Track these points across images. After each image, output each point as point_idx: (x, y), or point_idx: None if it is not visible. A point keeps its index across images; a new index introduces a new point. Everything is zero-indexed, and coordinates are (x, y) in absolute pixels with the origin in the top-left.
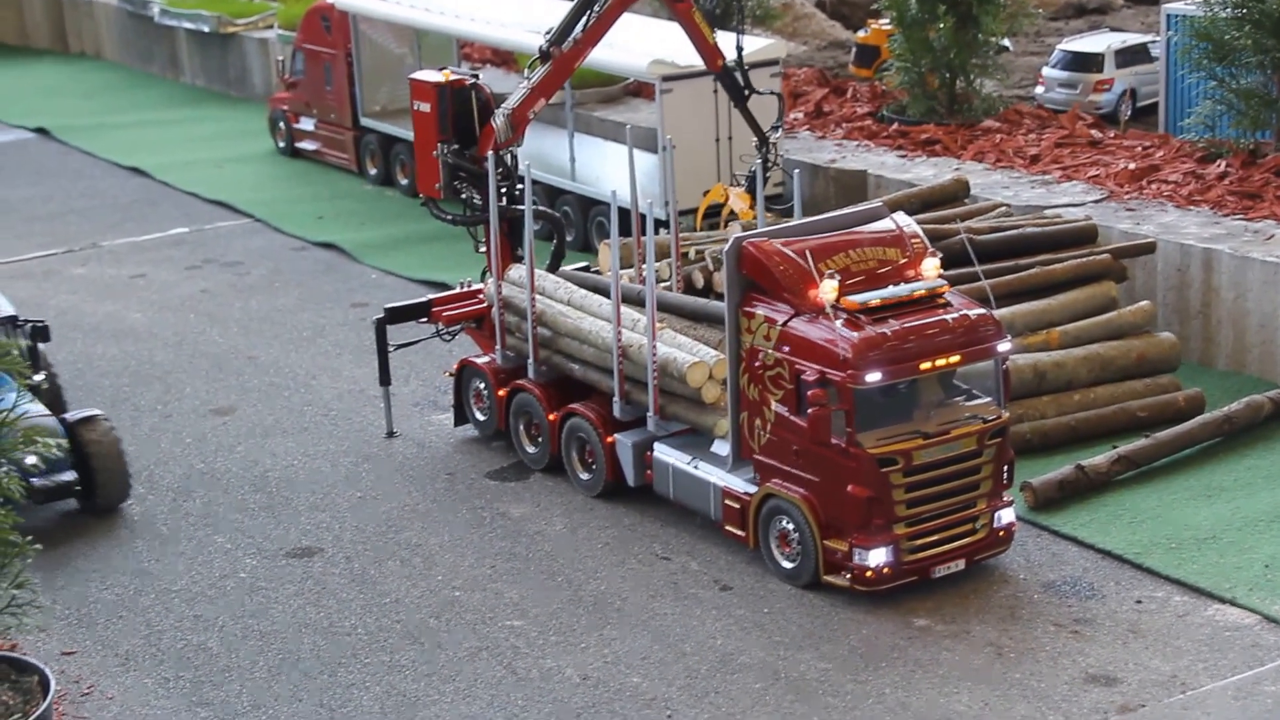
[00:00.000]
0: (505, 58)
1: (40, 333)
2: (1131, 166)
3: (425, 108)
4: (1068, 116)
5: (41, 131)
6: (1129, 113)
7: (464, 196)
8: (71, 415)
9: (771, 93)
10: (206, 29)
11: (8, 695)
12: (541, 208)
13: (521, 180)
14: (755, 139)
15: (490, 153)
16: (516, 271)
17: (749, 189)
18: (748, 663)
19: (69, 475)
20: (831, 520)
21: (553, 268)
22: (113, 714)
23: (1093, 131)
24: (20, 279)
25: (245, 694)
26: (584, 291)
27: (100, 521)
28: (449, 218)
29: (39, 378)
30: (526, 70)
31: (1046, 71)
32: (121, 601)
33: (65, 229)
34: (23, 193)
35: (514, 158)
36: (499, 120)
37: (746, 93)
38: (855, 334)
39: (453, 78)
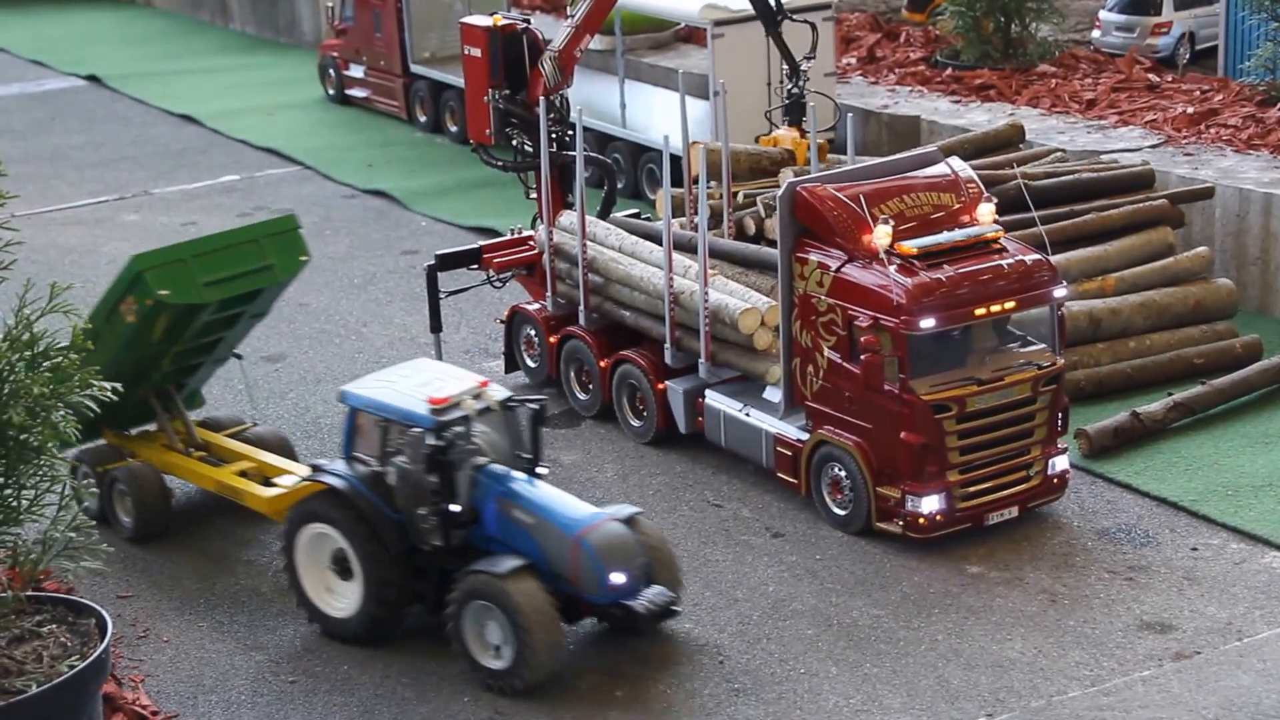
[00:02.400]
0: (555, 3)
1: (538, 415)
2: (1190, 111)
3: (476, 53)
4: (1125, 60)
5: (93, 79)
6: (1187, 56)
7: (515, 143)
8: (612, 510)
9: (805, 21)
10: None
11: (65, 637)
12: (593, 154)
13: (573, 126)
14: (787, 67)
15: (541, 98)
16: (567, 218)
17: (792, 121)
18: (800, 609)
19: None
20: (884, 467)
21: (604, 214)
22: (168, 657)
23: (1150, 75)
24: (73, 225)
25: (299, 638)
26: (635, 238)
27: None
28: (499, 164)
29: (544, 470)
30: (569, 8)
31: (1103, 15)
32: (176, 546)
33: (116, 176)
34: (74, 140)
35: (565, 102)
36: (547, 65)
37: (779, 18)
38: (909, 280)
39: (503, 22)
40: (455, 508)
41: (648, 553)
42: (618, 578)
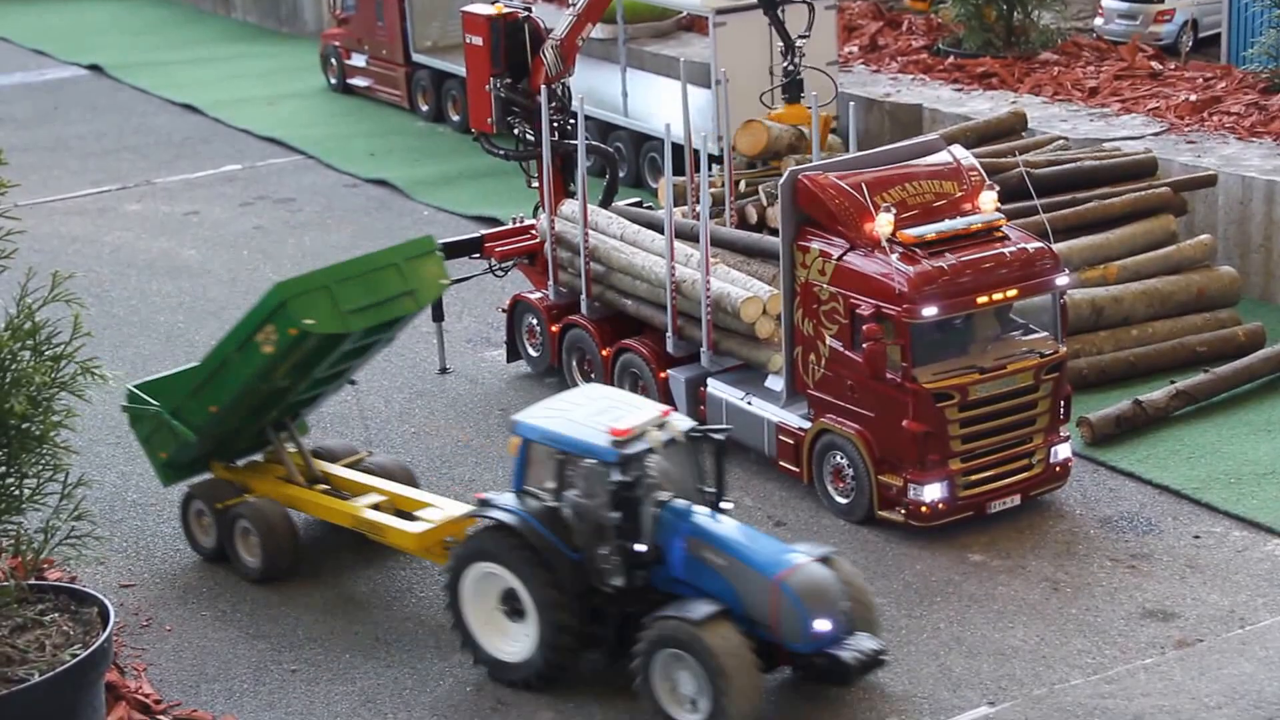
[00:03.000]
0: None
1: (723, 446)
2: (1192, 98)
3: (477, 41)
4: (1127, 48)
5: (95, 68)
6: (1190, 44)
7: (516, 131)
8: (807, 548)
9: (804, 1)
10: None
11: (68, 625)
12: (595, 143)
13: (574, 115)
14: (782, 44)
15: (543, 86)
16: (569, 207)
17: (790, 99)
18: None
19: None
20: (886, 455)
21: (605, 203)
22: (171, 645)
23: (1153, 63)
24: (75, 215)
25: (301, 627)
26: (637, 227)
27: None
28: (501, 152)
29: (729, 505)
30: None
31: (1106, 2)
32: (179, 535)
33: (119, 166)
34: (76, 129)
35: (567, 91)
36: (548, 53)
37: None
38: (911, 268)
39: (505, 11)
40: (640, 547)
41: (850, 596)
42: (822, 625)
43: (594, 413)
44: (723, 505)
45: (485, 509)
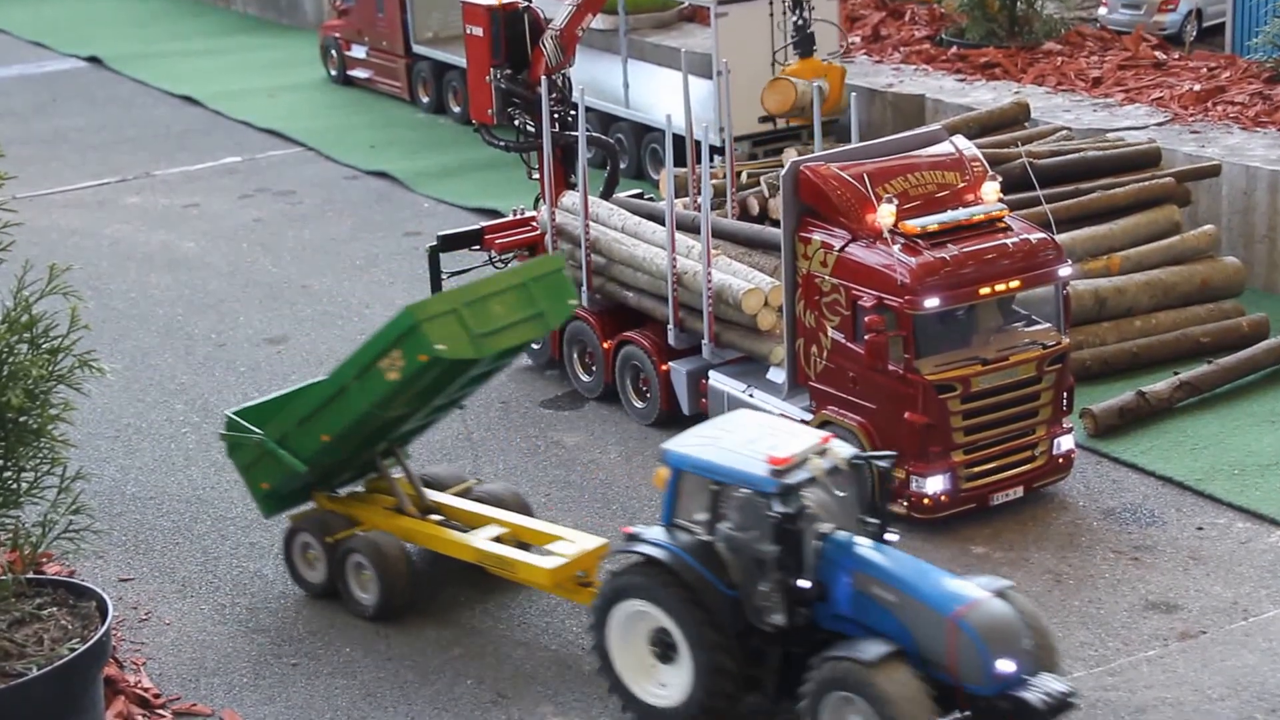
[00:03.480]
0: None
1: (887, 474)
2: (1196, 88)
3: (478, 32)
4: (1131, 38)
5: (94, 60)
6: (1194, 33)
7: (517, 123)
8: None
9: None
10: None
11: (66, 620)
12: (595, 134)
13: (575, 107)
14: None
15: (543, 77)
16: (570, 198)
17: (802, 54)
18: None
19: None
20: (888, 447)
21: (606, 194)
22: (170, 639)
23: (1157, 53)
24: (74, 208)
25: (301, 621)
26: (638, 218)
27: (154, 448)
28: (502, 144)
29: (894, 537)
30: None
31: None
32: (178, 528)
33: (118, 158)
34: (75, 122)
35: (567, 82)
36: (548, 44)
37: None
38: (913, 259)
39: (505, 1)
40: (803, 583)
41: (1031, 634)
42: (1005, 665)
43: (748, 439)
44: (888, 536)
45: (634, 543)
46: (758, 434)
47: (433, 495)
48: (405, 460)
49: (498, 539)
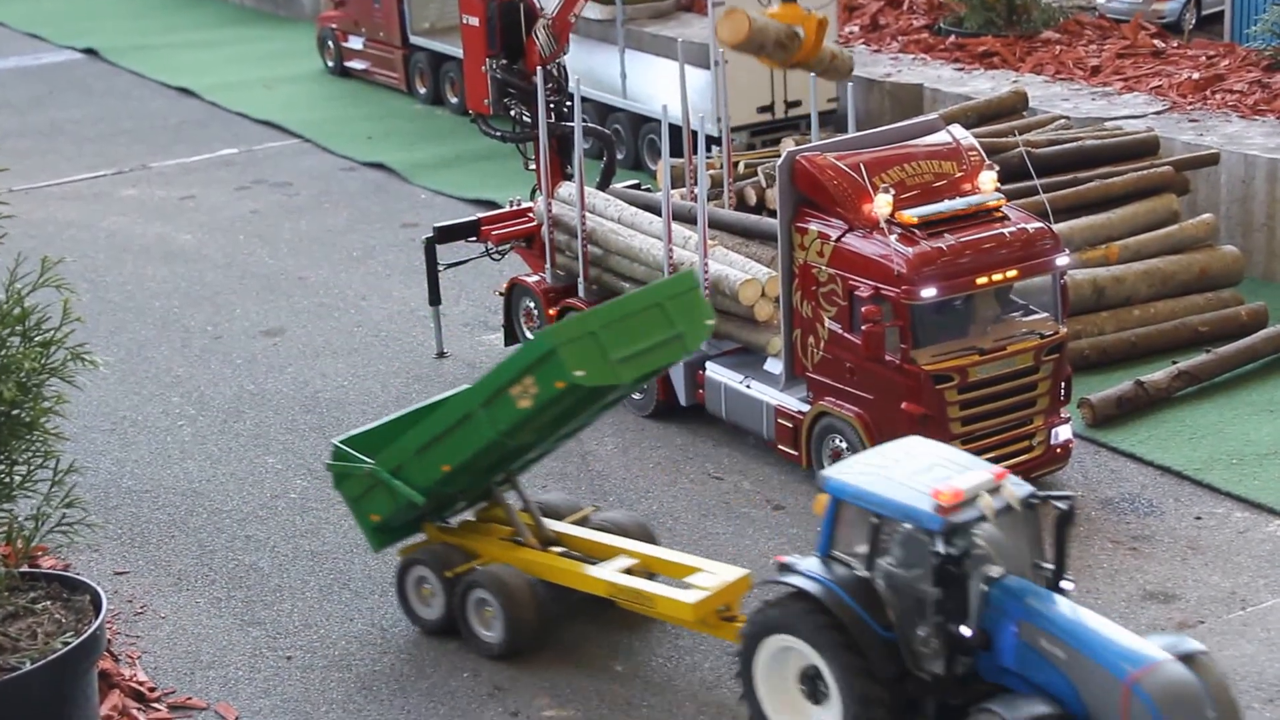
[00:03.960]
0: None
1: (1067, 517)
2: (1195, 76)
3: (474, 22)
4: (1130, 26)
5: (90, 52)
6: (1193, 21)
7: (513, 113)
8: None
9: None
10: None
11: (60, 613)
12: (592, 124)
13: (571, 97)
14: None
15: (539, 67)
16: (566, 189)
17: None
18: None
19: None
20: (886, 438)
21: (603, 185)
22: (165, 633)
23: (1155, 41)
24: (70, 200)
25: (297, 613)
26: (634, 209)
27: (150, 441)
28: (498, 134)
29: (1070, 586)
30: None
31: None
32: (173, 522)
33: (114, 150)
34: (72, 114)
35: (563, 71)
36: (540, 33)
37: None
38: (910, 249)
39: None
40: (965, 630)
41: (1216, 705)
42: None
43: (917, 471)
44: (1063, 585)
45: (786, 574)
46: (927, 465)
47: (551, 524)
48: (522, 487)
49: (628, 571)
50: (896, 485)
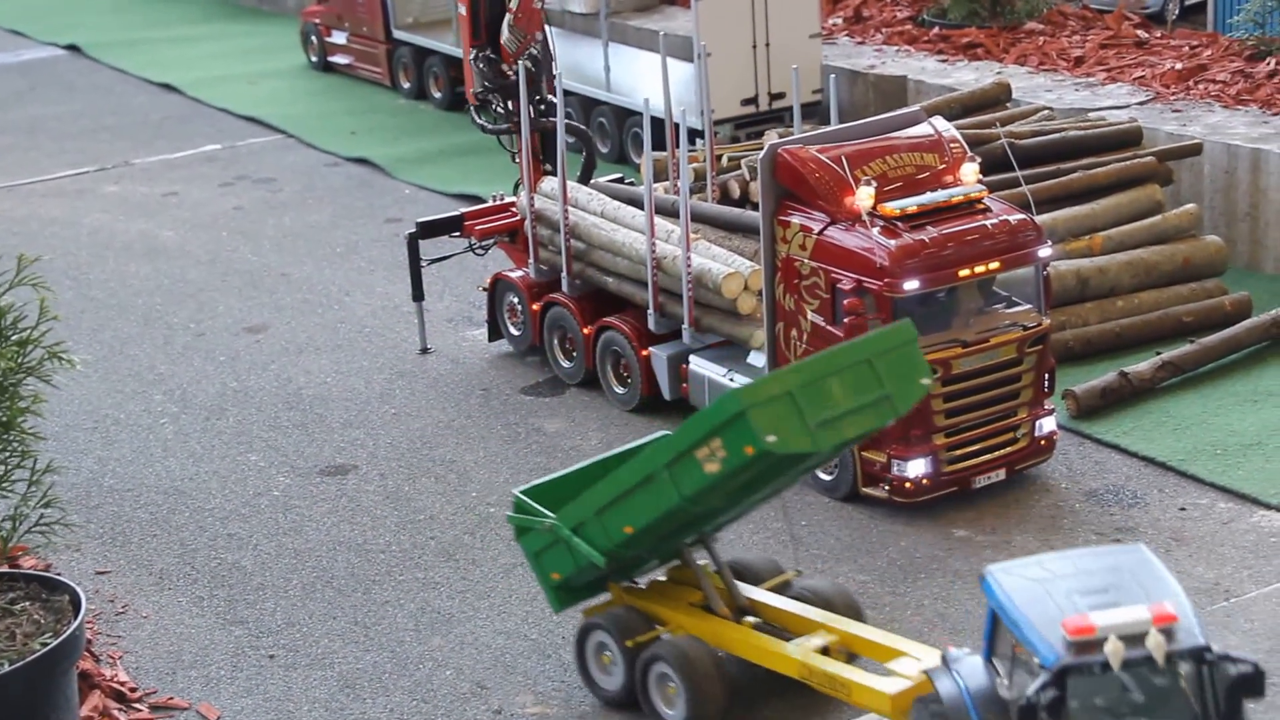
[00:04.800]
0: None
1: (1250, 683)
2: (1178, 66)
3: (463, 10)
4: (1113, 17)
5: (72, 48)
6: (1176, 11)
7: (493, 105)
8: None
9: None
10: None
11: (39, 614)
12: (572, 123)
13: (543, 93)
14: None
15: (519, 61)
16: (549, 184)
17: None
18: None
19: None
20: None
21: (583, 181)
22: (147, 632)
23: (1139, 32)
24: (53, 197)
25: (279, 612)
26: (617, 203)
27: (132, 439)
28: (481, 124)
29: None
30: None
31: None
32: (155, 520)
33: (96, 147)
34: (54, 110)
35: (542, 62)
36: (504, 30)
37: None
38: (892, 241)
39: None
40: None
41: None
42: None
43: (1081, 588)
44: None
45: (937, 672)
46: (1103, 584)
47: (747, 590)
48: (715, 550)
49: (825, 650)
50: (1042, 601)
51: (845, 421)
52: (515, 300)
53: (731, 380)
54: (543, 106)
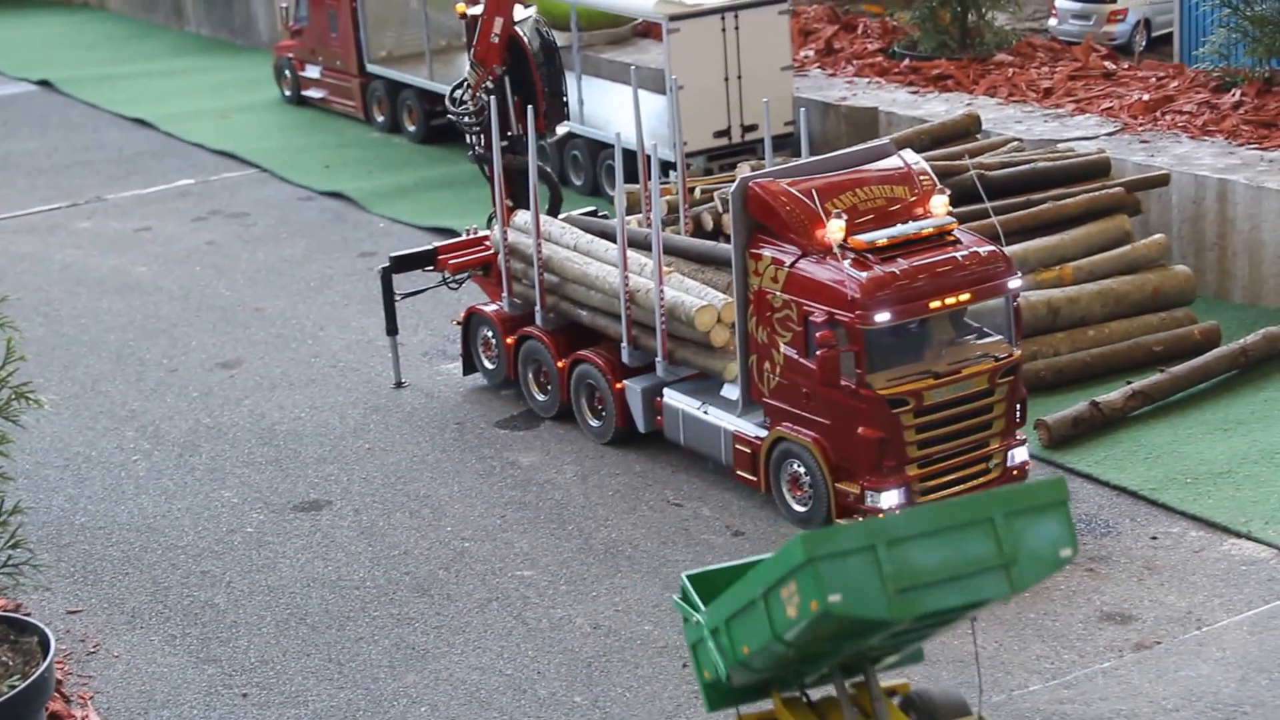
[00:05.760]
0: None
1: None
2: (1145, 98)
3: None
4: (1081, 48)
5: (45, 84)
6: (1143, 43)
7: (469, 137)
8: None
9: None
10: None
11: (7, 656)
12: (540, 164)
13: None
14: None
15: (476, 94)
16: (522, 217)
17: None
18: None
19: None
20: (843, 462)
21: (551, 214)
22: (119, 672)
23: (1106, 63)
24: (25, 233)
25: (253, 650)
26: (590, 236)
27: (104, 477)
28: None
29: None
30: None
31: (1060, 3)
32: (127, 558)
33: (69, 182)
34: (26, 146)
35: (506, 91)
36: (467, 72)
37: None
38: (863, 274)
39: (470, 12)
40: None
41: None
42: None
43: None
44: None
45: None
46: None
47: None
48: (874, 676)
49: None
50: None
51: (943, 590)
52: (489, 334)
53: (706, 413)
54: (504, 143)
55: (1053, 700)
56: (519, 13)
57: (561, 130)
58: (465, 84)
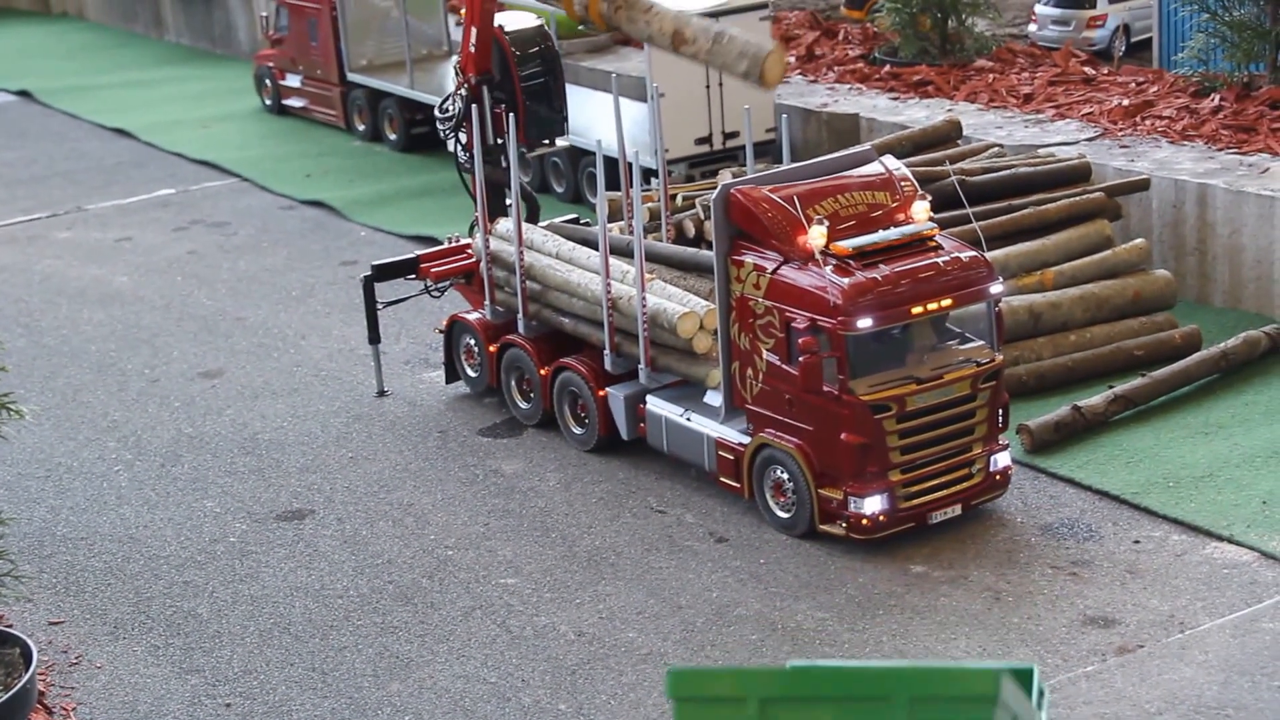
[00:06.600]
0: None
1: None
2: (1125, 103)
3: None
4: (1061, 54)
5: (24, 94)
6: (1123, 49)
7: (452, 146)
8: None
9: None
10: None
11: None
12: (521, 181)
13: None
14: None
15: (454, 98)
16: (504, 225)
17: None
18: (744, 614)
19: None
20: (826, 469)
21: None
22: (101, 683)
23: (1086, 69)
24: (5, 244)
25: (236, 659)
26: (572, 244)
27: (86, 487)
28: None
29: None
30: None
31: (1039, 9)
32: (110, 569)
33: (49, 192)
34: (5, 156)
35: (477, 102)
36: (450, 78)
37: None
38: (845, 280)
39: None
40: None
41: None
42: None
43: None
44: None
45: None
46: None
47: None
48: None
49: None
50: None
51: None
52: (472, 342)
53: (689, 420)
54: (497, 143)
55: None
56: (527, 20)
57: (561, 144)
58: (454, 95)
